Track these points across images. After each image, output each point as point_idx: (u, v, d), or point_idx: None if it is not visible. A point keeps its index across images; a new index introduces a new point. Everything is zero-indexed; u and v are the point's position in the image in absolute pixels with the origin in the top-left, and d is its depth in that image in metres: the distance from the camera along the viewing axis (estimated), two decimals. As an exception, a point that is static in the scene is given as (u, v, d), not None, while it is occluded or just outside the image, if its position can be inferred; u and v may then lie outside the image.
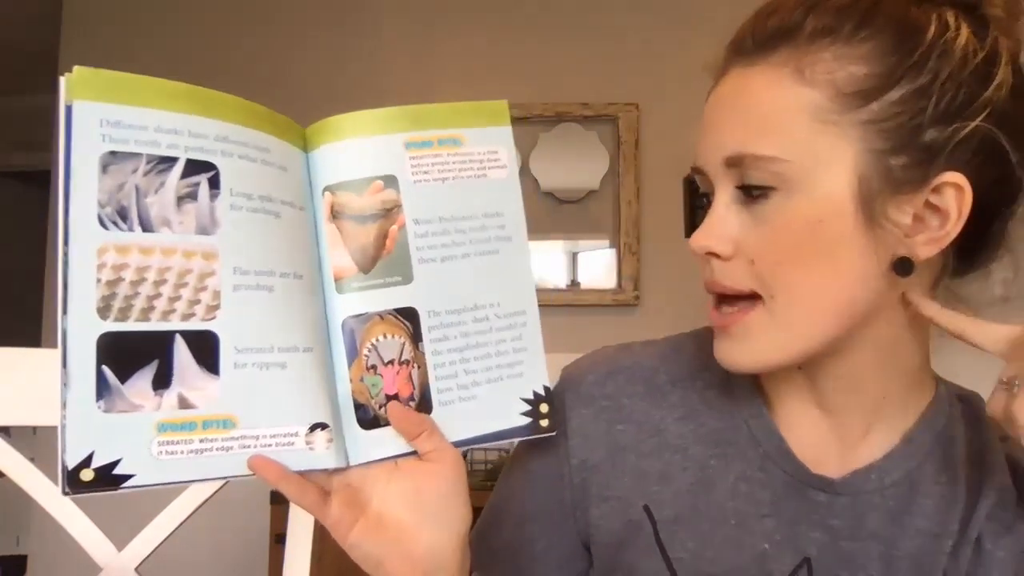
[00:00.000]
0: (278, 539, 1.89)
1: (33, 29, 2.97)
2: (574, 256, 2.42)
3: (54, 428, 0.46)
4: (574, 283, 2.41)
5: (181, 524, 0.80)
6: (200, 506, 0.80)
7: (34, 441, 1.34)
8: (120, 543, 0.79)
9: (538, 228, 2.37)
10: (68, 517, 0.78)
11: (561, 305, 2.36)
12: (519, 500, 0.69)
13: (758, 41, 0.54)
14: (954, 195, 0.52)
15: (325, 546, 0.57)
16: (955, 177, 0.51)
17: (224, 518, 1.64)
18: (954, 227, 0.52)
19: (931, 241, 0.53)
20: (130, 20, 2.50)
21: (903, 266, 0.53)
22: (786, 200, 0.52)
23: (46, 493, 0.77)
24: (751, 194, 0.54)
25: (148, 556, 0.79)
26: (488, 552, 0.69)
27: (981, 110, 0.51)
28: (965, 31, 0.52)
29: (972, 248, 0.56)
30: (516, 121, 2.50)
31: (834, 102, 0.51)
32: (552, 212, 2.40)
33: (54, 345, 0.47)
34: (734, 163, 0.54)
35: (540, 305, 0.59)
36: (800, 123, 0.52)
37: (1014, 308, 0.58)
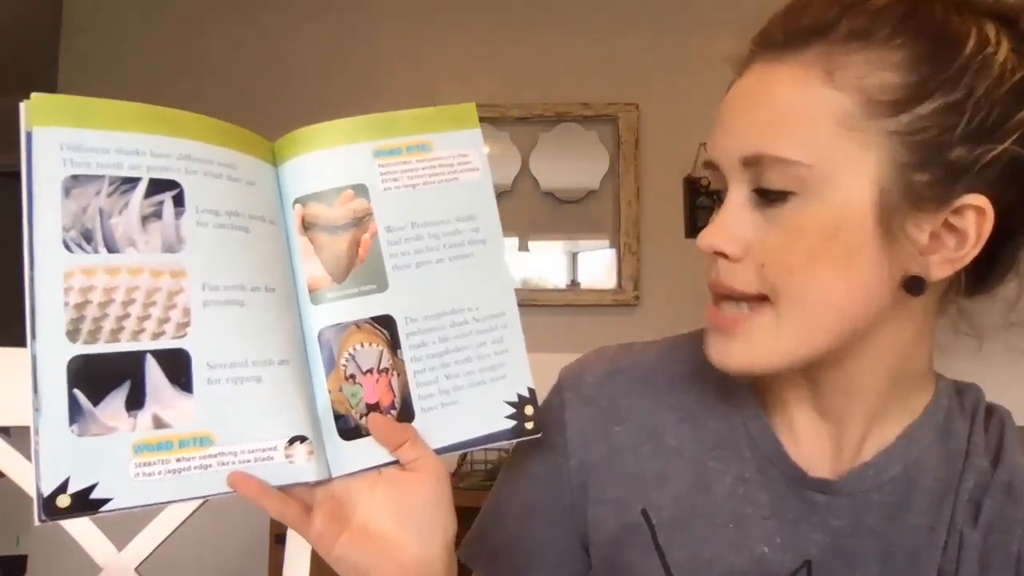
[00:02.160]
0: (278, 539, 1.89)
1: (33, 29, 2.97)
2: (574, 256, 2.42)
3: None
4: (574, 283, 2.40)
5: (181, 524, 0.80)
6: (200, 506, 0.80)
7: (34, 441, 1.33)
8: (120, 543, 0.79)
9: (538, 228, 2.37)
10: (68, 517, 0.78)
11: (561, 305, 2.35)
12: (520, 499, 0.69)
13: (788, 37, 0.52)
14: (975, 218, 0.50)
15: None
16: (978, 200, 0.49)
17: (224, 518, 1.64)
18: (971, 250, 0.51)
19: (946, 262, 0.51)
20: (130, 22, 2.51)
21: (915, 285, 0.51)
22: (804, 205, 0.51)
23: (46, 493, 0.76)
24: (767, 197, 0.52)
25: (148, 556, 0.79)
26: (488, 550, 0.69)
27: (1013, 131, 0.49)
28: (1005, 47, 0.50)
29: (984, 269, 0.54)
30: (516, 121, 2.49)
31: (862, 109, 0.49)
32: (552, 212, 2.39)
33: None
34: (752, 163, 0.52)
35: (540, 305, 0.59)
36: (824, 127, 0.50)
37: (1019, 334, 0.57)
